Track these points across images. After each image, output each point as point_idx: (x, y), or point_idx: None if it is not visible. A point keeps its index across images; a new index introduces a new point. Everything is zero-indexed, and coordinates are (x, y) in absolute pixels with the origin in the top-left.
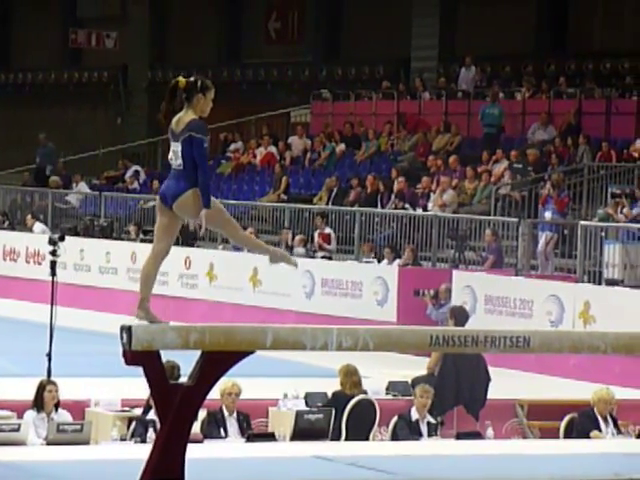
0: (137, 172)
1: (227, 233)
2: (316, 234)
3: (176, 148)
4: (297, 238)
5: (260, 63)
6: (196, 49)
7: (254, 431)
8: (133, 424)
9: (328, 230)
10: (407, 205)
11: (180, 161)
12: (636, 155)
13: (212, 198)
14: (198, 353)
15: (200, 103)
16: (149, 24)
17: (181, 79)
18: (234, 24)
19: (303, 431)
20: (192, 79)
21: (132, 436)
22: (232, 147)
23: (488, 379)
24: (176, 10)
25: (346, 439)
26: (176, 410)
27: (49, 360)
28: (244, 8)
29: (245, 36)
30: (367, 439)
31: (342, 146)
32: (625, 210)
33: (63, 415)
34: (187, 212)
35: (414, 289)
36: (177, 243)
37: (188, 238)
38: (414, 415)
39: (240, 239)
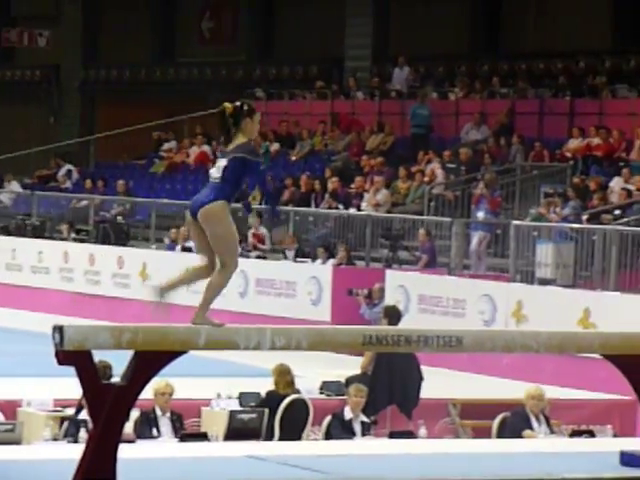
0: (69, 171)
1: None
2: (250, 234)
3: (221, 164)
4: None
5: (194, 62)
6: (129, 48)
7: (187, 431)
8: (65, 424)
9: (262, 230)
10: (341, 205)
11: (219, 175)
12: (569, 155)
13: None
14: (131, 353)
15: (248, 127)
16: (82, 23)
17: (228, 105)
18: (168, 23)
19: (236, 431)
20: (238, 104)
21: (64, 436)
22: (165, 146)
23: (421, 378)
24: (110, 9)
25: (279, 439)
26: (108, 410)
27: None
28: (178, 8)
29: (179, 35)
30: (300, 439)
31: (276, 145)
32: (557, 210)
33: None
34: (210, 221)
35: (347, 288)
36: (109, 242)
37: (121, 237)
38: (347, 414)
39: (219, 276)
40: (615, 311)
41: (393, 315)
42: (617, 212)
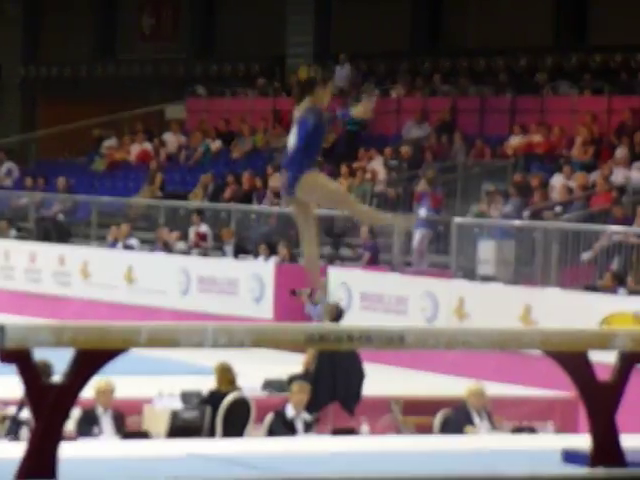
0: (10, 169)
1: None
2: (192, 231)
3: (293, 130)
4: (173, 235)
5: (134, 59)
6: (70, 45)
7: (128, 429)
8: (6, 422)
9: (204, 227)
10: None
11: (294, 141)
12: (510, 152)
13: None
14: (72, 351)
15: (319, 94)
16: (23, 21)
17: (302, 74)
18: (108, 20)
19: (178, 429)
20: (312, 74)
21: (6, 435)
22: (106, 144)
23: (363, 375)
24: (50, 7)
25: (221, 437)
26: (49, 408)
27: None
28: (118, 4)
29: (119, 32)
30: (242, 436)
31: (218, 143)
32: (499, 207)
33: None
34: (311, 192)
35: (289, 289)
36: (50, 240)
37: (62, 235)
38: (290, 412)
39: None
40: (556, 307)
41: (335, 312)
42: (558, 209)
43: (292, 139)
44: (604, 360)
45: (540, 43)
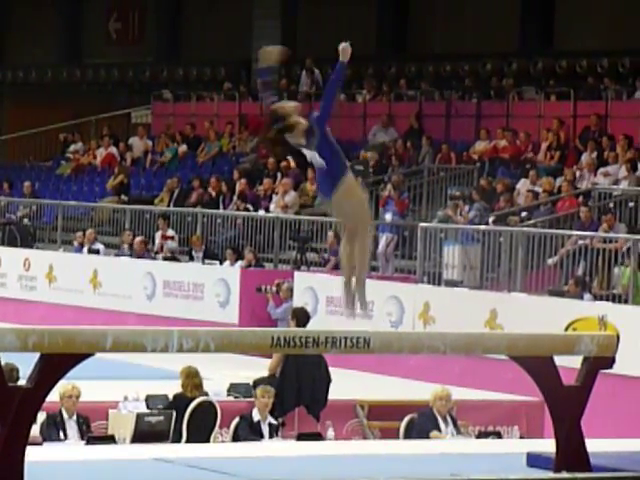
0: None
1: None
2: (158, 235)
3: (311, 155)
4: (137, 240)
5: (101, 63)
6: (36, 49)
7: (94, 434)
8: None
9: (170, 232)
10: (249, 206)
11: (321, 161)
12: (475, 157)
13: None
14: (37, 355)
15: (294, 121)
16: None
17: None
18: (74, 24)
19: (143, 433)
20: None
21: None
22: (72, 148)
23: (329, 380)
24: (15, 9)
25: (187, 441)
26: (15, 412)
27: None
28: (84, 8)
29: (85, 36)
30: (208, 441)
31: (184, 147)
32: (464, 212)
33: None
34: (350, 196)
35: (256, 286)
36: (15, 244)
37: (27, 239)
38: (255, 416)
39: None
40: (521, 312)
41: (301, 317)
42: (524, 214)
43: (315, 162)
44: (569, 365)
45: (506, 48)
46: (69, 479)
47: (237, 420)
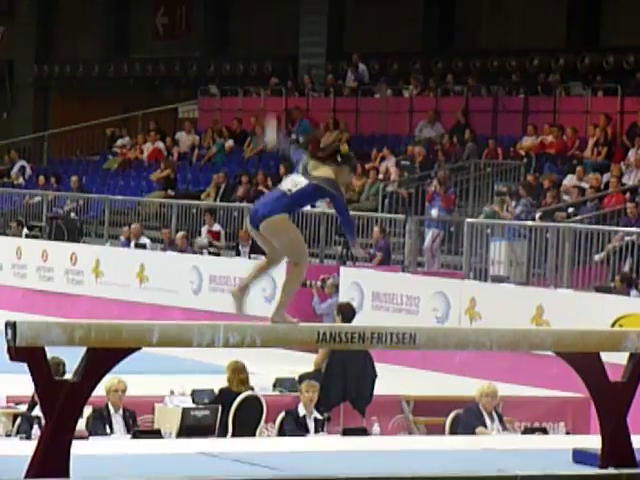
0: (23, 167)
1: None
2: (204, 230)
3: (299, 180)
4: (179, 235)
5: (148, 58)
6: (83, 44)
7: (140, 428)
8: (18, 420)
9: (217, 227)
10: None
11: (292, 189)
12: (522, 153)
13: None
14: (83, 350)
15: (343, 174)
16: (36, 19)
17: (345, 147)
18: (122, 19)
19: (189, 428)
20: (351, 153)
21: (17, 432)
22: (119, 142)
23: (375, 375)
24: (63, 5)
25: (233, 436)
26: (61, 406)
27: None
28: (132, 3)
29: (133, 31)
30: (254, 436)
31: (230, 142)
32: (510, 208)
33: None
34: (274, 233)
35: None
36: (62, 238)
37: (74, 233)
38: (301, 411)
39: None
40: (568, 308)
41: (347, 312)
42: (570, 210)
43: (289, 185)
44: (616, 361)
45: (553, 44)
46: (115, 473)
47: (283, 415)
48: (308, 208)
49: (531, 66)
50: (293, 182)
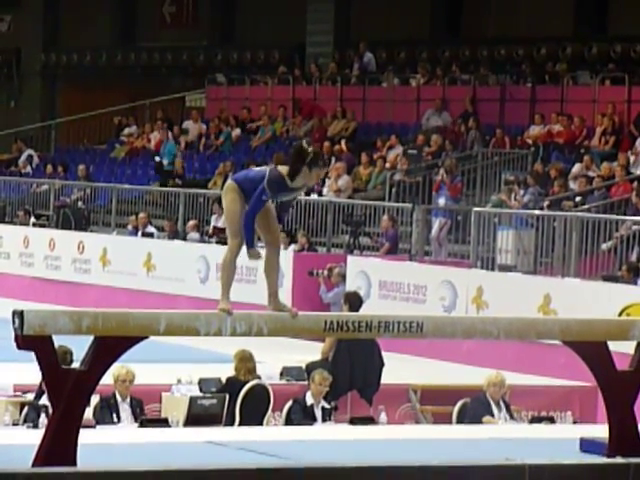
0: (30, 156)
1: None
2: (213, 219)
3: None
4: (190, 223)
5: (155, 47)
6: (90, 32)
7: (147, 416)
8: (25, 409)
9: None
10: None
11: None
12: (530, 142)
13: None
14: (91, 338)
15: (304, 174)
16: (43, 7)
17: (304, 145)
18: (128, 7)
19: (196, 417)
20: (310, 149)
21: (24, 421)
22: (126, 131)
23: (382, 364)
24: None
25: (240, 425)
26: (68, 395)
27: None
28: None
29: (140, 19)
30: (261, 424)
31: (237, 131)
32: (518, 197)
33: None
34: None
35: (308, 270)
36: (70, 227)
37: (81, 222)
38: (309, 400)
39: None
40: (575, 297)
41: (354, 301)
42: (578, 199)
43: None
44: (623, 350)
45: (561, 33)
46: (122, 462)
47: (290, 403)
48: (315, 197)
49: (538, 55)
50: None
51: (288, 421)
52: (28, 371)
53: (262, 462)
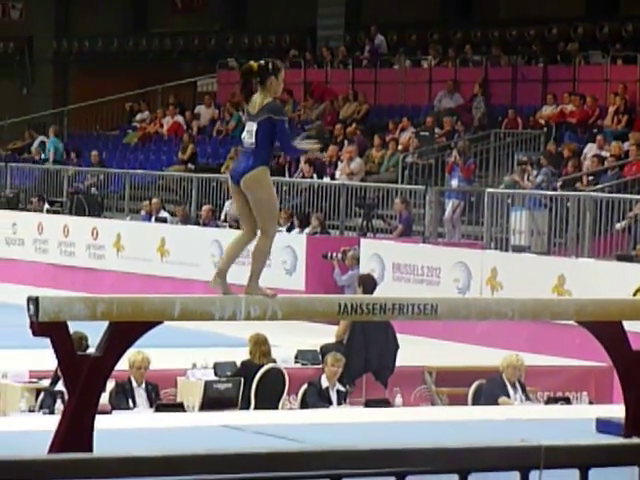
0: (43, 143)
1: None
2: (227, 204)
3: (251, 128)
4: (204, 208)
5: (166, 32)
6: (102, 18)
7: (163, 401)
8: (41, 395)
9: None
10: (314, 174)
11: (253, 140)
12: (542, 122)
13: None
14: (106, 324)
15: (273, 85)
16: None
17: (253, 63)
18: None
19: (212, 401)
20: (263, 62)
21: (40, 407)
22: (138, 117)
23: (396, 346)
24: None
25: (255, 408)
26: (84, 381)
27: None
28: None
29: (151, 5)
30: (276, 408)
31: None
32: (531, 177)
33: None
34: (253, 189)
35: (322, 253)
36: (83, 213)
37: (94, 208)
38: (324, 383)
39: (261, 243)
40: (589, 278)
41: (368, 283)
42: (591, 178)
43: (248, 137)
44: (638, 330)
45: (572, 13)
46: (138, 447)
47: (305, 387)
48: (327, 180)
49: (550, 35)
50: (248, 133)
51: (303, 404)
52: (43, 357)
53: (278, 446)
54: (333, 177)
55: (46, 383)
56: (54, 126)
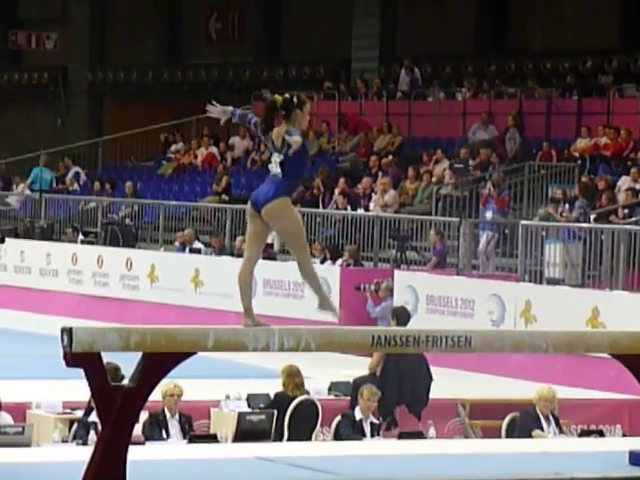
0: (77, 174)
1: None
2: None
3: (277, 159)
4: (238, 239)
5: (201, 64)
6: (137, 50)
7: (196, 432)
8: (75, 426)
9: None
10: (348, 206)
11: (279, 170)
12: (576, 155)
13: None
14: (139, 355)
15: (298, 118)
16: (90, 25)
17: (278, 97)
18: (175, 25)
19: (245, 432)
20: (288, 96)
21: (74, 438)
22: (173, 148)
23: (430, 379)
24: (117, 11)
25: (289, 440)
26: (117, 412)
27: None
28: (185, 9)
29: (186, 37)
30: (310, 440)
31: None
32: (565, 210)
33: (4, 417)
34: (278, 221)
35: (355, 284)
36: (117, 244)
37: (129, 239)
38: (358, 415)
39: (305, 269)
40: (623, 310)
41: (402, 316)
42: (626, 212)
43: (275, 167)
44: None
45: (606, 45)
46: (171, 478)
47: (339, 418)
48: (361, 212)
49: (584, 68)
50: (275, 163)
51: (337, 436)
52: (77, 388)
53: (312, 478)
54: (367, 209)
55: (79, 414)
56: (45, 156)
